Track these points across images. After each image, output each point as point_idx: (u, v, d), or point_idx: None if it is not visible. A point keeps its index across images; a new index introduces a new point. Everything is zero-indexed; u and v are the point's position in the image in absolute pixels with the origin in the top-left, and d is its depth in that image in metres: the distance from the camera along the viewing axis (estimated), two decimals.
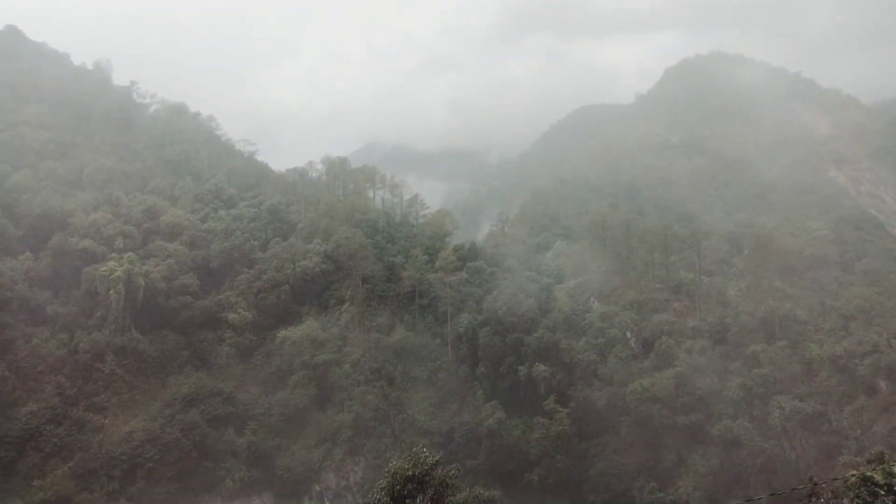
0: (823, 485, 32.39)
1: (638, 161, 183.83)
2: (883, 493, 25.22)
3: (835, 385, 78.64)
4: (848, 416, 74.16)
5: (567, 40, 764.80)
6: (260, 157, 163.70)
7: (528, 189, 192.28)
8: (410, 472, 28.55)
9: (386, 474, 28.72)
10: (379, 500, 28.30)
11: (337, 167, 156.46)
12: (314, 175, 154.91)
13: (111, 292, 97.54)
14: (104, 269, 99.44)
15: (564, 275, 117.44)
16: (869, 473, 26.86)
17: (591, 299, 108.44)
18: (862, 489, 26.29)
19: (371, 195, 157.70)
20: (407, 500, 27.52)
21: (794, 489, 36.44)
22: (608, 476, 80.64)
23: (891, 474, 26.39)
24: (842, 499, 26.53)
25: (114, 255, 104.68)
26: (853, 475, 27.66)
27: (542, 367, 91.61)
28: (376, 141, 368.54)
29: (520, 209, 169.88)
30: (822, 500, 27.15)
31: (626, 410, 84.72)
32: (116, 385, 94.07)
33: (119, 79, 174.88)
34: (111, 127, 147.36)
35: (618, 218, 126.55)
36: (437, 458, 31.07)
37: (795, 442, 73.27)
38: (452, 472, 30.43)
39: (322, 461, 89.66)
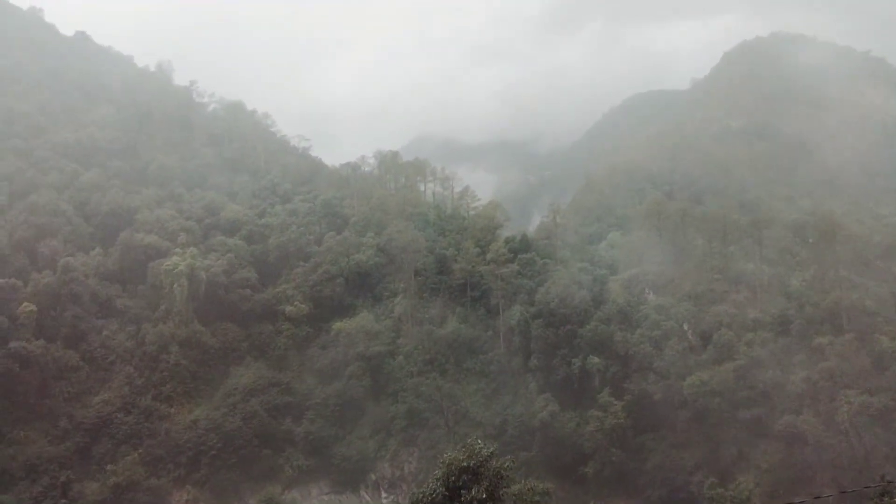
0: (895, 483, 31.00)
1: (695, 148, 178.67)
2: None
3: None
4: None
5: (620, 25, 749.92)
6: (314, 153, 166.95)
7: (580, 179, 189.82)
8: (465, 464, 28.61)
9: (441, 465, 28.88)
10: (434, 490, 28.50)
11: (388, 161, 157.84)
12: (366, 169, 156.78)
13: (175, 286, 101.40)
14: (168, 263, 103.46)
15: (618, 266, 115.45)
16: None
17: (647, 291, 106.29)
18: None
19: (422, 188, 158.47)
20: (462, 491, 27.64)
21: (866, 487, 35.00)
22: (665, 470, 79.24)
23: None
24: None
25: (177, 249, 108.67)
26: None
27: (596, 360, 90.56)
28: (427, 134, 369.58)
29: (572, 199, 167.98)
30: (894, 499, 26.03)
31: (683, 404, 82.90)
32: (181, 375, 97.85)
33: (179, 79, 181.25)
34: (172, 126, 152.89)
35: (674, 207, 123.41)
36: (492, 449, 31.11)
37: (864, 439, 70.22)
38: (507, 463, 30.40)
39: (377, 451, 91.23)
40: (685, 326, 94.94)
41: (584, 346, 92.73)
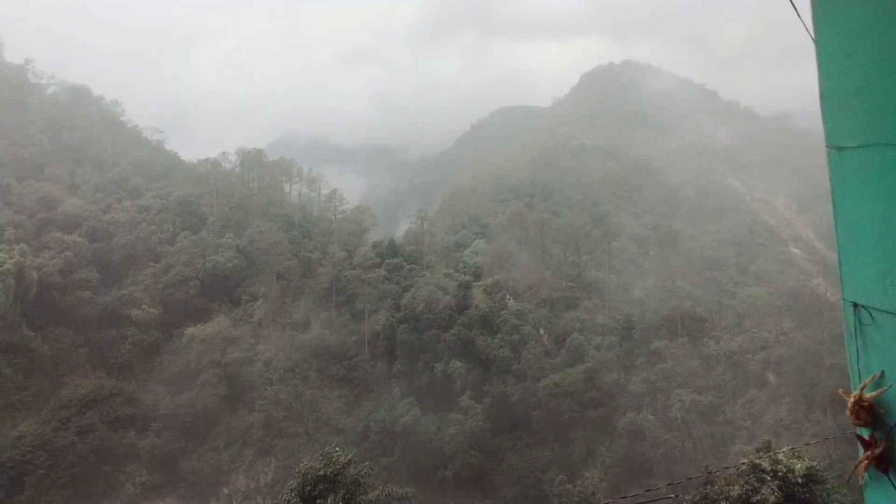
0: (717, 473, 34.45)
1: (555, 162, 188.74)
2: (769, 478, 27.03)
3: (729, 379, 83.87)
4: (740, 407, 79.26)
5: (490, 41, 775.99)
6: (170, 147, 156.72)
7: (448, 187, 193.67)
8: (322, 472, 27.99)
9: (296, 475, 28.04)
10: (288, 501, 27.58)
11: (252, 159, 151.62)
12: (227, 167, 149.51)
13: None
14: None
15: (482, 272, 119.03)
16: (757, 461, 28.72)
17: (507, 297, 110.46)
18: (751, 476, 28.09)
19: (287, 189, 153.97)
20: (318, 501, 26.94)
21: (690, 478, 38.52)
22: (520, 469, 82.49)
23: (776, 461, 28.33)
24: (734, 485, 28.23)
25: (3, 246, 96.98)
26: (743, 463, 29.51)
27: (458, 364, 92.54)
28: (294, 133, 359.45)
29: (439, 206, 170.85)
30: (716, 486, 28.81)
31: (538, 405, 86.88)
32: (4, 386, 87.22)
33: (11, 55, 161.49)
34: (1, 107, 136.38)
35: (534, 217, 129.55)
36: (349, 456, 30.64)
37: (694, 433, 77.54)
38: (365, 470, 30.10)
39: (231, 463, 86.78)
40: (541, 331, 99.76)
41: (447, 351, 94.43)
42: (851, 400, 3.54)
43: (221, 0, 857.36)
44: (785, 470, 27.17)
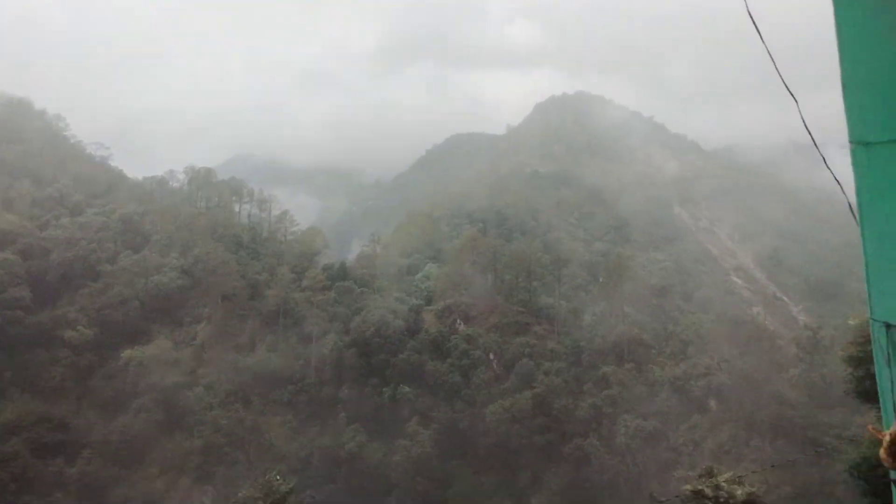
0: (663, 500, 34.50)
1: (509, 189, 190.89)
2: None
3: (673, 405, 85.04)
4: (683, 433, 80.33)
5: (447, 69, 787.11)
6: (116, 164, 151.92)
7: (402, 211, 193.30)
8: (261, 502, 26.82)
9: None
10: None
11: (201, 178, 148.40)
12: (175, 185, 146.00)
13: None
14: None
15: (434, 296, 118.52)
16: (700, 487, 28.85)
17: (458, 321, 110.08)
18: (693, 502, 28.15)
19: (237, 209, 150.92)
20: None
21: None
22: (467, 497, 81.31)
23: (718, 487, 28.52)
24: None
25: None
26: (687, 489, 29.60)
27: (407, 389, 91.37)
28: (247, 154, 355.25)
29: (393, 230, 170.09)
30: None
31: (486, 431, 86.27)
32: None
33: None
34: None
35: (487, 243, 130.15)
36: (291, 485, 29.43)
37: (638, 458, 78.09)
38: (307, 499, 28.96)
39: (166, 491, 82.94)
40: (492, 356, 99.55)
41: (396, 376, 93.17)
42: (888, 438, 2.88)
43: (176, 18, 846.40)
44: (726, 496, 27.34)
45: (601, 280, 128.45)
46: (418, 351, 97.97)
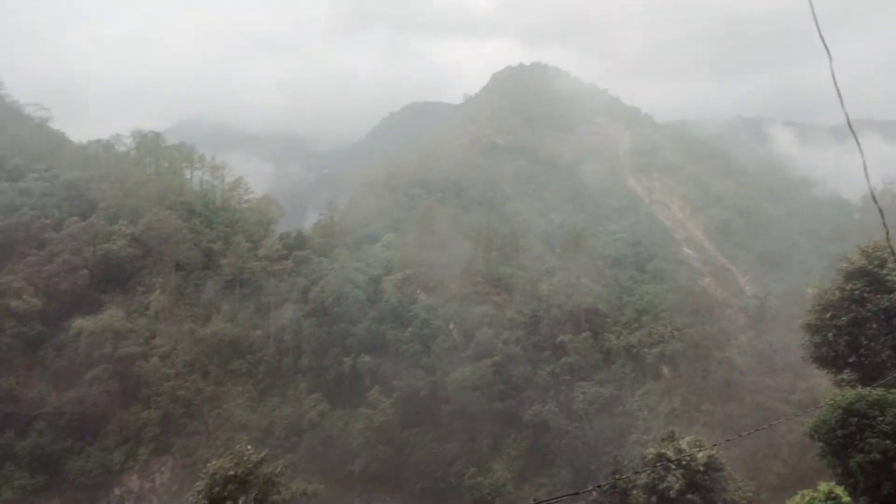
0: (626, 462, 35.99)
1: (466, 160, 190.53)
2: (674, 466, 28.41)
3: (628, 371, 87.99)
4: (638, 399, 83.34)
5: (405, 36, 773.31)
6: (56, 126, 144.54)
7: (359, 179, 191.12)
8: (232, 472, 26.67)
9: (204, 475, 26.56)
10: None
11: (149, 142, 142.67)
12: (121, 149, 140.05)
13: None
14: None
15: (393, 266, 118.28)
16: (662, 450, 30.15)
17: (418, 291, 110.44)
18: (657, 465, 29.43)
19: (188, 175, 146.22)
20: (227, 503, 25.65)
21: (602, 465, 39.99)
22: (428, 463, 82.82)
23: (680, 450, 29.83)
24: (640, 474, 29.47)
25: None
26: (651, 452, 30.91)
27: (368, 358, 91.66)
28: (196, 118, 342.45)
29: (350, 199, 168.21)
30: (625, 475, 29.97)
31: (446, 399, 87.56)
32: None
33: None
34: None
35: (445, 213, 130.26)
36: (262, 455, 29.39)
37: (595, 423, 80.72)
38: (279, 469, 29.01)
39: (123, 462, 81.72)
40: (451, 325, 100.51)
41: (356, 345, 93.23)
42: None
43: None
44: (689, 459, 28.64)
45: (558, 251, 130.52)
46: (378, 321, 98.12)
